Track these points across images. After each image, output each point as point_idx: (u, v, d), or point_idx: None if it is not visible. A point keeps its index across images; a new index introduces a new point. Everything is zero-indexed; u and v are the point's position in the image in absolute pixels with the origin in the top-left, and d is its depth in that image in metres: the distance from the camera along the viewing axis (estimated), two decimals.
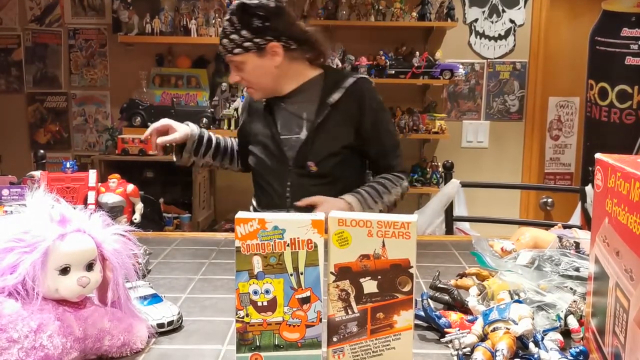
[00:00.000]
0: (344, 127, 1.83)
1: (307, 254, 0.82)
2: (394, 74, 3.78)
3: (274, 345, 0.84)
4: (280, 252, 0.82)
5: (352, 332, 0.85)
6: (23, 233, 0.77)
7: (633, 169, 0.71)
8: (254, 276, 0.82)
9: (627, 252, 0.70)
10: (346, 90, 1.82)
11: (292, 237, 0.82)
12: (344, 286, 0.84)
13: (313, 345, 0.85)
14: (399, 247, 0.83)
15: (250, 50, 1.76)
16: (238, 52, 1.77)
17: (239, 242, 0.81)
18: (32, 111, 4.19)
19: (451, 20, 3.81)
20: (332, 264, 0.84)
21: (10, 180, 1.69)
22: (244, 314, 0.83)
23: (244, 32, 1.76)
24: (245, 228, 0.81)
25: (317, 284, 0.83)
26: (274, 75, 1.82)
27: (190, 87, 3.98)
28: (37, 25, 4.11)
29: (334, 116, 1.82)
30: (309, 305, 0.84)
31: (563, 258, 1.12)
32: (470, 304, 0.98)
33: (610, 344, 0.76)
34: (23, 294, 0.76)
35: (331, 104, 1.81)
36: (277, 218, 0.82)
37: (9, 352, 0.72)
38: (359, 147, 1.86)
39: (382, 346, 0.86)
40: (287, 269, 0.82)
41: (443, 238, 1.83)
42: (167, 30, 3.84)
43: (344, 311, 0.85)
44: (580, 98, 4.03)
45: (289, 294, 0.83)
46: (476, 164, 4.14)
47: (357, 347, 0.86)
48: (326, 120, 1.81)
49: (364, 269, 0.83)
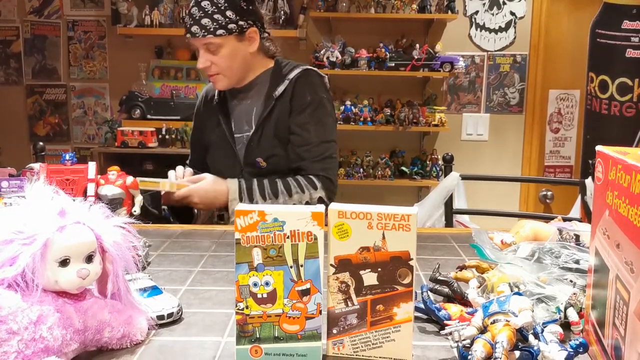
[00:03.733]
0: (286, 120, 1.76)
1: (307, 246, 0.82)
2: (394, 66, 3.78)
3: (274, 337, 0.84)
4: (280, 244, 0.82)
5: (352, 324, 0.85)
6: (22, 225, 0.77)
7: (634, 162, 0.70)
8: (254, 268, 0.82)
9: (628, 244, 0.70)
10: (289, 82, 1.77)
11: (292, 229, 0.81)
12: (343, 278, 0.84)
13: (313, 337, 0.85)
14: (399, 239, 0.83)
15: (233, 32, 1.70)
16: (220, 34, 1.69)
17: (238, 234, 0.81)
18: (31, 103, 4.18)
19: (451, 12, 3.79)
20: (332, 256, 0.84)
21: (9, 172, 1.69)
22: (243, 305, 0.83)
23: (229, 12, 1.68)
24: (245, 220, 0.81)
25: (317, 276, 0.83)
26: (246, 62, 1.77)
27: (189, 80, 3.98)
28: (36, 17, 4.10)
29: (278, 109, 1.76)
30: (309, 298, 0.83)
31: (563, 250, 1.12)
32: (470, 296, 0.98)
33: (610, 336, 0.76)
34: (23, 285, 0.75)
35: (276, 97, 1.76)
36: (277, 210, 0.82)
37: (9, 344, 0.72)
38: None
39: (381, 338, 0.86)
40: (287, 261, 0.82)
41: (443, 230, 1.83)
42: (166, 22, 3.83)
43: (343, 303, 0.85)
44: (581, 91, 4.02)
45: (288, 286, 0.83)
46: (476, 156, 4.14)
47: (356, 339, 0.86)
48: (270, 114, 1.76)
49: (364, 261, 0.83)
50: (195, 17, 1.70)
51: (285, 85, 1.77)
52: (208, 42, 1.71)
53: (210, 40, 1.70)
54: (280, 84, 1.78)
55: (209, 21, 1.68)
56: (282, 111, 1.77)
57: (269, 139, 1.77)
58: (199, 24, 1.69)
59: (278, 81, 1.78)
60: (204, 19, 1.68)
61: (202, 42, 1.72)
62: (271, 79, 1.80)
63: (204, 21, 1.68)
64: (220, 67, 1.75)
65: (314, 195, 1.73)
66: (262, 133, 1.77)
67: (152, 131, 3.66)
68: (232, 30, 1.70)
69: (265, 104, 1.78)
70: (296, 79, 1.78)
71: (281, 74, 1.80)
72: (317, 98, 1.79)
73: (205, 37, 1.70)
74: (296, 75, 1.78)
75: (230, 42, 1.72)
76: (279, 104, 1.77)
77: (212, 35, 1.69)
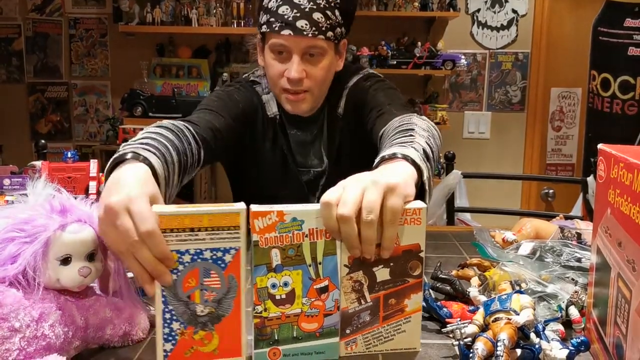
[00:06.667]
0: (361, 131, 1.39)
1: (325, 244, 0.81)
2: (395, 64, 3.77)
3: (292, 337, 0.83)
4: (299, 243, 0.80)
5: (365, 321, 0.85)
6: (24, 223, 0.77)
7: (636, 160, 0.70)
8: (272, 269, 0.80)
9: (630, 242, 0.70)
10: (348, 90, 1.46)
11: (310, 228, 0.80)
12: (357, 277, 0.83)
13: (331, 333, 0.84)
14: (410, 233, 0.82)
15: (338, 39, 1.34)
16: (329, 37, 1.30)
17: (256, 236, 0.79)
18: (33, 101, 4.18)
19: (453, 10, 3.79)
20: (345, 256, 0.82)
21: (11, 170, 1.69)
22: (261, 308, 0.81)
23: (337, 12, 1.30)
24: (263, 221, 0.79)
25: (335, 272, 0.82)
26: (330, 81, 1.41)
27: (191, 78, 3.98)
28: (37, 15, 4.10)
29: (347, 129, 1.45)
30: (327, 295, 0.82)
31: (564, 249, 1.12)
32: (471, 294, 0.98)
33: (612, 334, 0.76)
34: (24, 283, 0.75)
35: (341, 115, 1.46)
36: (295, 210, 0.80)
37: (11, 341, 0.72)
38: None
39: (393, 331, 0.86)
40: (305, 260, 0.81)
41: (444, 229, 1.83)
42: (168, 20, 3.83)
43: (357, 302, 0.84)
44: (583, 89, 4.01)
45: (307, 284, 0.81)
46: (478, 154, 4.14)
47: (369, 336, 0.86)
48: (342, 142, 1.45)
49: (377, 258, 0.83)
50: (304, 8, 1.26)
51: (345, 97, 1.45)
52: (313, 45, 1.30)
53: (319, 43, 1.30)
54: (340, 97, 1.45)
55: (321, 17, 1.27)
56: (353, 129, 1.45)
57: (347, 173, 1.44)
58: (309, 18, 1.26)
59: (337, 94, 1.46)
60: (315, 12, 1.26)
61: (308, 43, 1.29)
62: (330, 94, 1.45)
63: (316, 15, 1.26)
64: (316, 81, 1.35)
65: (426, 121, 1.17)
66: (339, 168, 1.43)
67: None
68: (338, 36, 1.33)
69: (331, 131, 1.46)
70: (356, 82, 1.46)
71: (339, 86, 1.46)
72: (375, 79, 1.47)
73: (316, 38, 1.28)
74: (356, 80, 1.46)
75: (331, 51, 1.34)
76: (346, 123, 1.45)
77: (323, 36, 1.29)
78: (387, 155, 0.92)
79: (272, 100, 1.47)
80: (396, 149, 0.94)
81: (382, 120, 1.27)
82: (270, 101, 1.47)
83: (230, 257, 0.78)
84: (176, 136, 1.07)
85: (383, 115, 1.28)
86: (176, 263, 0.76)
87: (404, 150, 0.93)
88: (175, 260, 0.76)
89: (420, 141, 0.99)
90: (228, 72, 3.93)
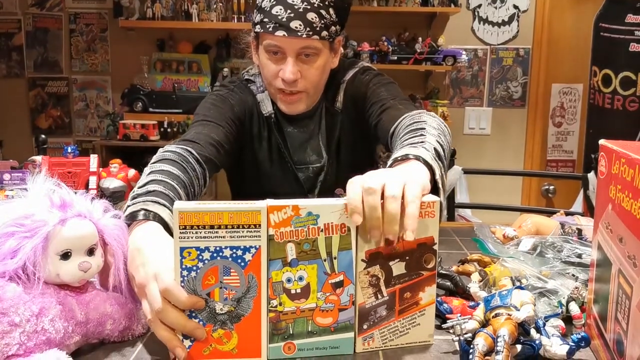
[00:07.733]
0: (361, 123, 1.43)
1: (340, 238, 0.81)
2: (396, 60, 3.77)
3: (307, 332, 0.83)
4: (314, 237, 0.80)
5: (381, 316, 0.85)
6: (24, 218, 0.77)
7: (637, 155, 0.70)
8: (288, 264, 0.80)
9: (631, 238, 0.70)
10: (344, 83, 1.47)
11: (325, 222, 0.80)
12: (374, 272, 0.83)
13: (346, 328, 0.84)
14: (424, 226, 0.83)
15: (333, 37, 1.34)
16: (324, 37, 1.30)
17: (272, 230, 0.78)
18: (33, 96, 4.18)
19: (454, 5, 3.78)
20: (362, 251, 0.82)
21: (11, 164, 1.69)
22: (277, 303, 0.81)
23: (332, 10, 1.30)
24: (278, 216, 0.78)
25: (350, 267, 0.82)
26: (325, 80, 1.41)
27: (191, 73, 3.97)
28: (37, 10, 4.09)
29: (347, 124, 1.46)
30: (342, 289, 0.83)
31: (565, 245, 1.12)
32: (471, 290, 0.98)
33: (612, 330, 0.76)
34: (24, 278, 0.75)
35: (340, 110, 1.46)
36: (311, 204, 0.80)
37: (11, 336, 0.72)
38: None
39: (408, 324, 0.87)
40: (320, 254, 0.81)
41: (445, 225, 1.83)
42: (168, 15, 3.82)
43: (374, 297, 0.84)
44: (584, 85, 4.01)
45: (322, 279, 0.82)
46: (478, 150, 4.14)
47: (385, 330, 0.86)
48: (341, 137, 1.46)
49: (393, 252, 0.83)
50: (298, 8, 1.26)
51: (342, 91, 1.46)
52: (308, 46, 1.30)
53: (313, 43, 1.29)
54: (337, 92, 1.46)
55: (315, 17, 1.26)
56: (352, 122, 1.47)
57: (346, 167, 1.47)
58: (303, 18, 1.26)
59: (334, 89, 1.46)
60: (310, 12, 1.26)
61: (302, 44, 1.29)
62: (326, 89, 1.46)
63: (310, 15, 1.26)
64: (311, 81, 1.35)
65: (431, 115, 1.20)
66: (339, 162, 1.48)
67: (154, 124, 3.65)
68: (332, 35, 1.33)
69: (329, 123, 1.47)
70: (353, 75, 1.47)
71: (335, 80, 1.46)
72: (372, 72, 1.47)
73: (310, 38, 1.28)
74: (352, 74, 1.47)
75: (326, 50, 1.34)
76: (345, 117, 1.47)
77: (318, 36, 1.28)
78: (400, 157, 0.95)
79: (267, 99, 1.47)
80: (408, 150, 0.96)
81: (387, 115, 1.30)
82: (265, 100, 1.47)
83: (251, 255, 0.78)
84: (180, 168, 1.10)
85: (388, 110, 1.31)
86: (195, 260, 0.76)
87: (416, 151, 0.95)
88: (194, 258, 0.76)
89: (432, 140, 1.02)
90: (228, 67, 3.93)
